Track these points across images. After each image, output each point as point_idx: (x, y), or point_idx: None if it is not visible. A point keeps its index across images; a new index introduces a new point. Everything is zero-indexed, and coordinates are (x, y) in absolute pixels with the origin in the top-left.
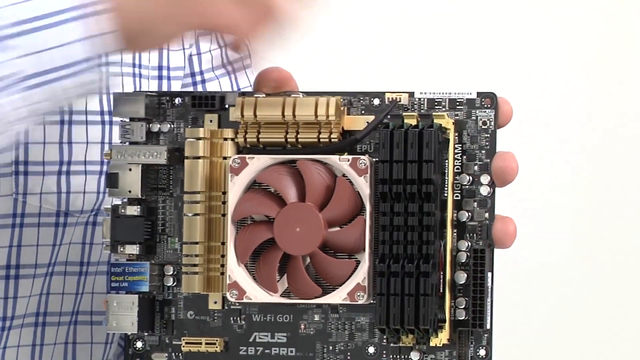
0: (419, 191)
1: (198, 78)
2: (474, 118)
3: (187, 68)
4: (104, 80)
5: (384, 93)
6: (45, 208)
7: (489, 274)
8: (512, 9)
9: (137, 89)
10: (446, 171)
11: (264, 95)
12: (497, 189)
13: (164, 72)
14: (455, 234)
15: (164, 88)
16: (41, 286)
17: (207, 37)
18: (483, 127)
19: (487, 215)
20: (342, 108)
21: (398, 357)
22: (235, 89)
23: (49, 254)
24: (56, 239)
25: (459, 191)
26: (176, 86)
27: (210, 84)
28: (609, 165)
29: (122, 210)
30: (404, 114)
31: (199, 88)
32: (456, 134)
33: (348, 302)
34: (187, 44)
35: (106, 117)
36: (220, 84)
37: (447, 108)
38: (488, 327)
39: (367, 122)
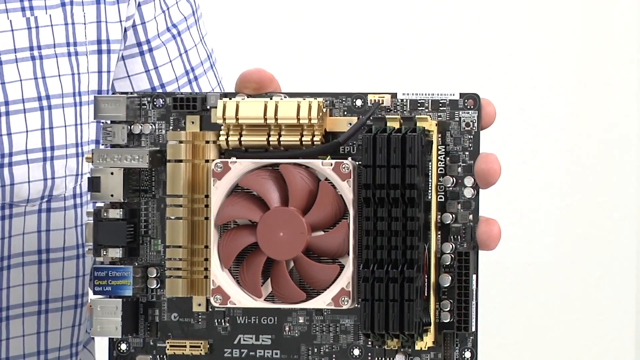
0: (402, 196)
1: (145, 47)
2: (457, 119)
3: (133, 38)
4: None
5: (366, 94)
6: None
7: (474, 276)
8: (496, 10)
9: (75, 69)
10: (429, 173)
11: (246, 97)
12: (481, 191)
13: (104, 46)
14: (439, 237)
15: (104, 62)
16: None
17: (150, 3)
18: (466, 128)
19: (471, 217)
20: (324, 110)
21: (383, 359)
22: (182, 51)
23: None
24: (4, 232)
25: (443, 193)
26: (115, 60)
27: (158, 51)
28: (592, 167)
29: (105, 214)
30: (386, 116)
31: (147, 57)
32: (439, 136)
33: (332, 307)
34: (125, 15)
35: (44, 103)
36: (168, 50)
37: (429, 109)
38: (473, 329)
39: (350, 124)
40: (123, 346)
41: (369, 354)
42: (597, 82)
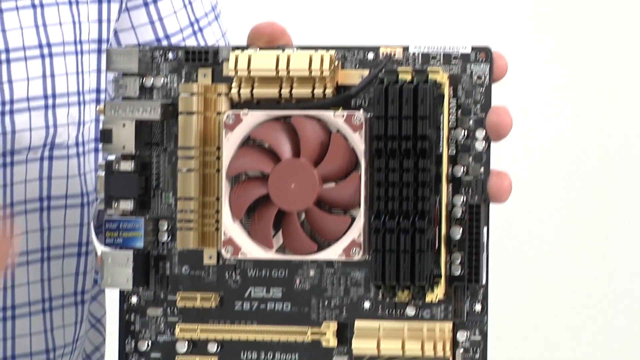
0: (414, 147)
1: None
2: (468, 73)
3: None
4: None
5: (378, 47)
6: None
7: (485, 229)
8: None
9: (76, 17)
10: (441, 126)
11: (258, 50)
12: (492, 144)
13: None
14: (450, 189)
15: (104, 11)
16: (1, 229)
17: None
18: (478, 81)
19: (482, 170)
20: (336, 62)
21: (394, 312)
22: (186, 2)
23: (1, 196)
24: (5, 179)
25: (454, 146)
26: (116, 9)
27: (162, 2)
28: (605, 119)
29: (116, 166)
30: (398, 69)
31: (151, 8)
32: (451, 88)
33: (343, 258)
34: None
35: (45, 50)
36: (172, 1)
37: (441, 63)
38: (484, 282)
39: (362, 77)
40: (134, 299)
41: (380, 307)
42: (609, 35)
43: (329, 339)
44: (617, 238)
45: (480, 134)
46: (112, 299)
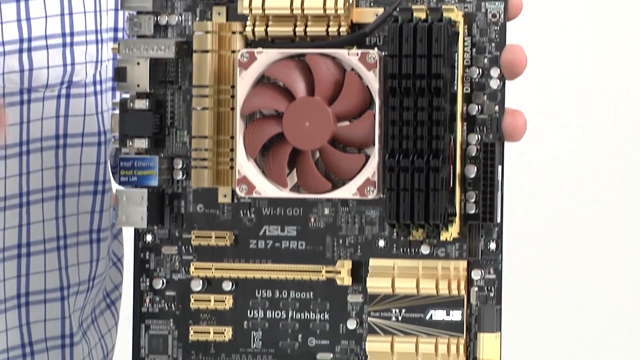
0: (428, 86)
1: None
2: (483, 11)
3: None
4: None
5: None
6: (9, 87)
7: (499, 168)
8: None
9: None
10: (456, 64)
11: None
12: (507, 82)
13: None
14: (465, 128)
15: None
16: (18, 166)
17: None
18: (492, 19)
19: (497, 108)
20: (350, 1)
21: (408, 250)
22: None
23: (18, 133)
24: (22, 117)
25: (469, 84)
26: None
27: None
28: (619, 59)
29: (131, 104)
30: (413, 7)
31: None
32: (465, 27)
33: (358, 197)
34: None
35: None
36: None
37: (456, 1)
38: (498, 220)
39: (376, 15)
40: (149, 237)
41: (394, 245)
42: None
43: (344, 278)
44: (634, 178)
45: (494, 72)
46: (127, 236)
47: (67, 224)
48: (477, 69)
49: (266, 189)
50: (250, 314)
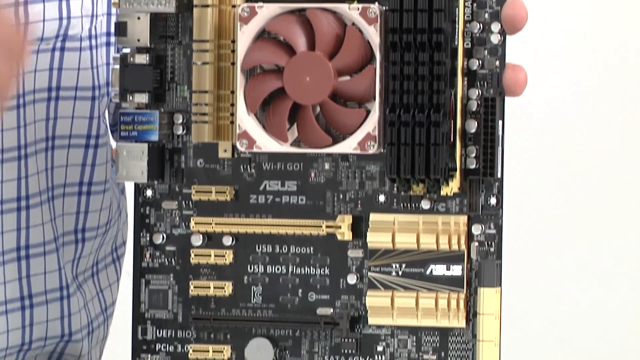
0: (429, 40)
1: None
2: None
3: None
4: None
5: None
6: None
7: (500, 122)
8: None
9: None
10: (456, 19)
11: None
12: (507, 37)
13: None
14: (465, 83)
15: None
16: (16, 119)
17: None
18: None
19: (497, 63)
20: None
21: (408, 205)
22: None
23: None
24: (18, 69)
25: (470, 39)
26: None
27: None
28: (619, 12)
29: (131, 59)
30: None
31: None
32: None
33: (358, 151)
34: None
35: None
36: None
37: None
38: (499, 175)
39: None
40: (149, 192)
41: (395, 200)
42: None
43: (344, 233)
44: (635, 131)
45: (495, 27)
46: (128, 192)
47: (54, 175)
48: (478, 24)
49: (266, 143)
50: (251, 268)
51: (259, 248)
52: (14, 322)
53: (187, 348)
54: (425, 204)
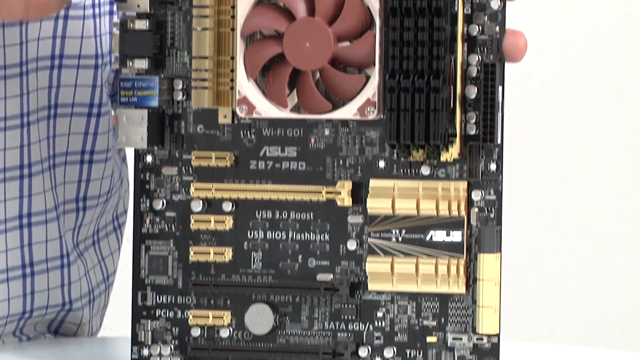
0: (428, 6)
1: None
2: None
3: None
4: None
5: None
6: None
7: (500, 88)
8: None
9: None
10: None
11: None
12: (507, 3)
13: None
14: (465, 48)
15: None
16: (19, 87)
17: None
18: None
19: (497, 29)
20: None
21: (408, 171)
22: None
23: (18, 53)
24: (22, 36)
25: (470, 5)
26: None
27: None
28: None
29: (131, 25)
30: None
31: None
32: None
33: (358, 117)
34: None
35: None
36: None
37: None
38: (499, 141)
39: None
40: (149, 158)
41: (394, 166)
42: None
43: (344, 198)
44: (634, 96)
45: None
46: (128, 158)
47: (56, 143)
48: None
49: (266, 109)
50: (251, 234)
51: (258, 214)
52: (15, 290)
53: (187, 314)
54: (425, 170)
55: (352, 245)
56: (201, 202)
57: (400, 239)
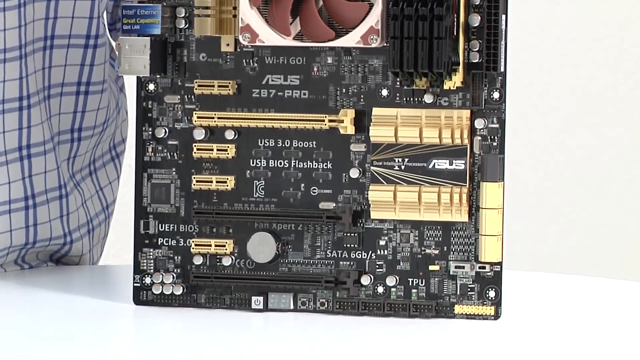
0: None
1: None
2: None
3: None
4: None
5: None
6: None
7: (503, 17)
8: None
9: None
10: None
11: None
12: None
13: None
14: None
15: None
16: (17, 18)
17: None
18: None
19: None
20: None
21: (411, 99)
22: None
23: None
24: None
25: None
26: None
27: None
28: None
29: None
30: None
31: None
32: None
33: (361, 45)
34: None
35: None
36: None
37: None
38: (502, 69)
39: None
40: (151, 86)
41: (397, 94)
42: None
43: (347, 127)
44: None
45: None
46: (130, 85)
47: (52, 74)
48: None
49: (269, 37)
50: (253, 163)
51: (261, 142)
52: (17, 222)
53: (189, 242)
54: (428, 98)
55: (354, 173)
56: (203, 130)
57: (403, 167)
